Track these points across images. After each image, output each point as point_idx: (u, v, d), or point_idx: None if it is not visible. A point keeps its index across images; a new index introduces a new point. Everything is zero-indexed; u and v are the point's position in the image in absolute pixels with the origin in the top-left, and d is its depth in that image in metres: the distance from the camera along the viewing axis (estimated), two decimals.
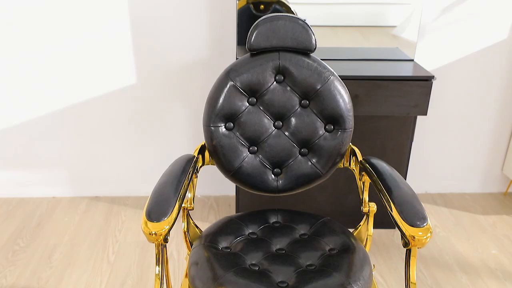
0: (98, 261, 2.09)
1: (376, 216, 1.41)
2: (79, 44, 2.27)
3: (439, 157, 2.59)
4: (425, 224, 1.00)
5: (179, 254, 2.13)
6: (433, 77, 1.95)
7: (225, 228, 1.35)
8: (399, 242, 2.25)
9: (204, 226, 1.44)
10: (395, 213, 1.04)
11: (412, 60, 2.20)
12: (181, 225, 1.39)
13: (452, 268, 2.08)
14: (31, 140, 2.47)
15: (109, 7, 2.22)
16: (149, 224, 1.00)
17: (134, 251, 2.16)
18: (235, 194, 2.34)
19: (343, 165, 1.45)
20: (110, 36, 2.27)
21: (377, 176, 1.20)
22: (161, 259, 1.03)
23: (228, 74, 1.36)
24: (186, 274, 1.24)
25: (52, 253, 2.13)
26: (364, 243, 1.38)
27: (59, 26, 2.24)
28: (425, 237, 0.99)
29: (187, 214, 1.38)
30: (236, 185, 2.30)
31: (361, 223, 1.43)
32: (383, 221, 2.30)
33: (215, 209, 2.53)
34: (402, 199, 1.07)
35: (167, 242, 1.04)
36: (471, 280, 2.01)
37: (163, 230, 0.99)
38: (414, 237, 0.99)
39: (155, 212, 1.02)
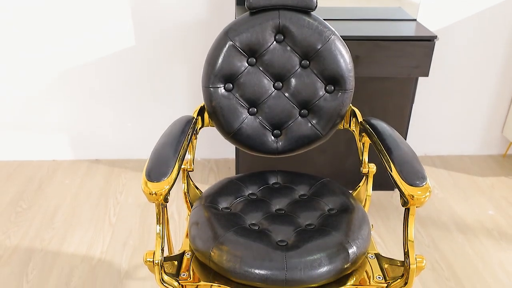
0: (100, 222, 2.11)
1: (375, 178, 1.41)
2: (78, 6, 2.22)
3: (439, 119, 2.58)
4: (424, 183, 1.00)
5: (180, 215, 2.16)
6: (435, 37, 1.92)
7: (225, 189, 1.36)
8: (398, 203, 2.27)
9: (204, 188, 1.44)
10: (394, 173, 1.04)
11: (415, 20, 2.16)
12: (181, 186, 1.39)
13: (449, 228, 2.11)
14: (31, 103, 2.45)
15: None
16: (149, 184, 1.00)
17: (135, 212, 2.18)
18: (235, 156, 2.34)
19: (343, 126, 1.45)
20: None
21: (377, 137, 1.19)
22: (162, 218, 1.04)
23: (227, 34, 1.33)
24: (187, 234, 1.25)
25: (54, 215, 2.16)
26: (363, 203, 1.39)
27: None
28: (423, 196, 0.99)
29: (187, 175, 1.38)
30: (236, 148, 2.30)
31: (360, 184, 1.44)
32: (382, 183, 2.31)
33: (215, 172, 2.54)
34: (402, 159, 1.07)
35: (167, 202, 1.05)
36: (468, 239, 2.04)
37: (163, 190, 1.00)
38: (413, 196, 0.99)
39: (155, 172, 1.02)
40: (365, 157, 1.37)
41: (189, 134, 1.23)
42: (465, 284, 1.80)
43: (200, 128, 1.40)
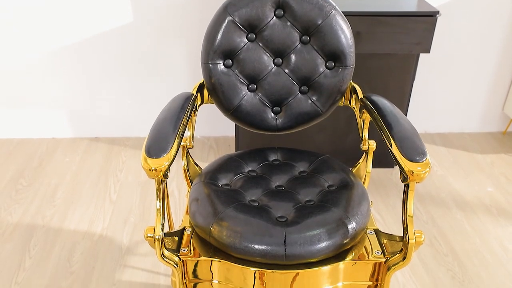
0: (101, 200, 2.12)
1: (375, 155, 1.42)
2: None
3: (440, 96, 2.57)
4: (424, 159, 1.00)
5: (180, 193, 2.17)
6: (438, 12, 1.89)
7: (224, 165, 1.36)
8: (397, 181, 2.28)
9: (204, 166, 1.45)
10: (394, 149, 1.04)
11: None
12: (181, 164, 1.39)
13: (448, 205, 2.12)
14: (30, 81, 2.43)
15: None
16: (149, 160, 1.00)
17: (135, 190, 2.19)
18: (234, 134, 2.34)
19: (343, 103, 1.44)
20: None
21: (378, 113, 1.19)
22: (162, 194, 1.04)
23: (226, 9, 1.31)
24: (187, 210, 1.26)
25: (54, 192, 2.17)
26: (363, 180, 1.39)
27: None
28: (423, 172, 0.99)
29: (186, 152, 1.38)
30: (235, 125, 2.29)
31: (360, 160, 1.44)
32: (382, 160, 2.32)
33: (214, 150, 2.54)
34: (402, 134, 1.07)
35: (167, 178, 1.05)
36: (466, 216, 2.05)
37: (163, 166, 1.00)
38: (412, 172, 0.99)
39: (155, 148, 1.02)
40: (365, 134, 1.36)
41: (188, 111, 1.22)
42: (462, 260, 1.82)
43: (199, 105, 1.40)
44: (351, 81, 1.40)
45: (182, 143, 1.35)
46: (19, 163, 2.38)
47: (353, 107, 1.41)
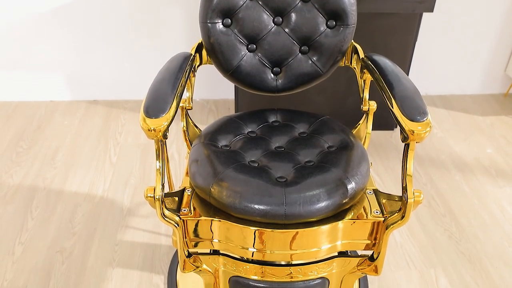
0: (101, 162, 2.13)
1: (375, 117, 1.40)
2: None
3: (441, 57, 2.53)
4: (425, 118, 0.99)
5: (180, 155, 2.17)
6: None
7: (224, 127, 1.35)
8: (397, 143, 2.28)
9: (204, 128, 1.44)
10: (395, 109, 1.03)
11: None
12: (180, 126, 1.39)
13: (447, 167, 2.13)
14: (26, 43, 2.39)
15: None
16: (148, 120, 0.99)
17: (135, 152, 2.19)
18: (234, 97, 2.32)
19: (344, 63, 1.42)
20: None
21: (379, 73, 1.17)
22: (161, 155, 1.04)
23: None
24: (187, 172, 1.26)
25: (54, 155, 2.17)
26: (363, 141, 1.39)
27: None
28: (424, 131, 0.99)
29: (186, 114, 1.37)
30: (235, 87, 2.27)
31: (360, 122, 1.43)
32: (382, 122, 2.31)
33: (214, 113, 2.53)
34: (403, 94, 1.06)
35: (166, 139, 1.05)
36: (465, 177, 2.07)
37: (162, 126, 0.99)
38: (413, 132, 0.99)
39: (153, 108, 1.01)
40: (366, 95, 1.35)
41: (187, 71, 1.20)
42: (460, 220, 1.84)
43: (198, 66, 1.37)
44: (352, 41, 1.37)
45: (181, 104, 1.34)
46: (18, 126, 2.37)
47: (354, 68, 1.39)
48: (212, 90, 2.60)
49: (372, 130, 1.40)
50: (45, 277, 1.57)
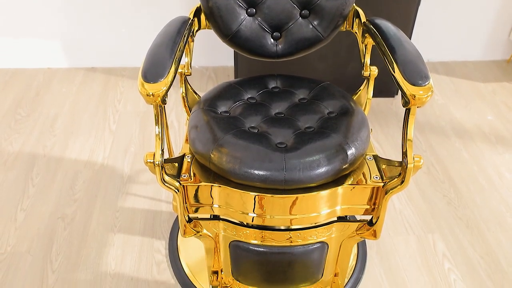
0: (100, 130, 2.12)
1: (375, 84, 1.39)
2: None
3: (444, 23, 2.49)
4: (427, 83, 0.98)
5: (179, 123, 2.16)
6: None
7: (223, 93, 1.33)
8: (397, 110, 2.27)
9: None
10: (397, 73, 1.02)
11: None
12: (180, 94, 1.37)
13: (447, 134, 2.13)
14: (23, 9, 2.35)
15: None
16: (146, 85, 0.98)
17: (134, 120, 2.19)
18: (233, 64, 2.29)
19: (345, 28, 1.39)
20: None
21: (381, 37, 1.14)
22: (160, 120, 1.04)
23: None
24: (186, 139, 1.25)
25: (53, 122, 2.16)
26: (363, 107, 1.38)
27: None
28: (425, 96, 0.97)
29: (184, 80, 1.36)
30: (234, 54, 2.24)
31: (361, 87, 1.42)
32: (383, 89, 2.29)
33: (213, 80, 2.51)
34: (405, 58, 1.04)
35: (165, 104, 1.03)
36: (464, 144, 2.07)
37: (161, 91, 0.98)
38: (414, 96, 0.98)
39: (151, 73, 1.00)
40: (367, 60, 1.33)
41: (185, 36, 1.18)
42: (459, 186, 1.85)
43: (197, 31, 1.35)
44: (354, 4, 1.34)
45: (179, 70, 1.32)
46: (16, 93, 2.35)
47: (355, 32, 1.36)
48: (211, 57, 2.56)
49: (372, 97, 1.39)
50: (47, 243, 1.59)
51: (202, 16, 1.35)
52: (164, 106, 1.13)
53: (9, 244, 1.59)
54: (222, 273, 1.33)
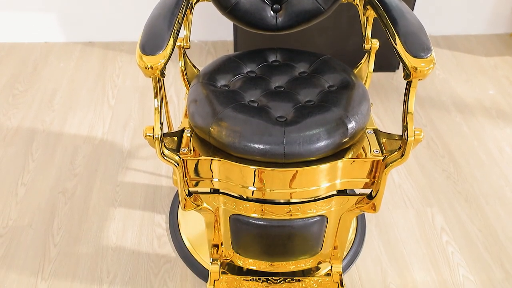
0: (99, 105, 2.11)
1: (376, 59, 1.37)
2: None
3: None
4: (428, 55, 0.97)
5: (179, 98, 2.15)
6: None
7: (223, 66, 1.32)
8: (398, 84, 2.25)
9: None
10: (398, 45, 1.00)
11: None
12: (179, 70, 1.36)
13: (448, 108, 2.12)
14: None
15: None
16: (144, 57, 0.97)
17: (133, 95, 2.17)
18: (233, 38, 2.26)
19: (346, 0, 1.37)
20: None
21: (383, 8, 1.12)
22: (159, 93, 1.03)
23: None
24: (186, 113, 1.25)
25: (52, 97, 2.15)
26: (364, 80, 1.37)
27: None
28: (427, 68, 0.96)
29: (183, 53, 1.34)
30: (233, 28, 2.21)
31: (362, 61, 1.40)
32: (384, 64, 2.27)
33: (212, 55, 2.49)
34: (407, 29, 1.02)
35: (164, 77, 1.02)
36: (465, 118, 2.06)
37: (159, 64, 0.97)
38: (416, 69, 0.96)
39: (149, 45, 0.98)
40: (368, 32, 1.31)
41: (183, 7, 1.16)
42: (458, 160, 1.85)
43: (195, 3, 1.33)
44: None
45: (178, 43, 1.30)
46: (13, 68, 2.33)
47: (357, 4, 1.34)
48: (210, 31, 2.53)
49: (373, 71, 1.38)
50: (49, 217, 1.60)
51: None
52: (163, 80, 1.12)
53: (10, 218, 1.60)
54: (222, 246, 1.34)
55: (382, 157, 1.12)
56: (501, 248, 1.54)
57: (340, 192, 1.24)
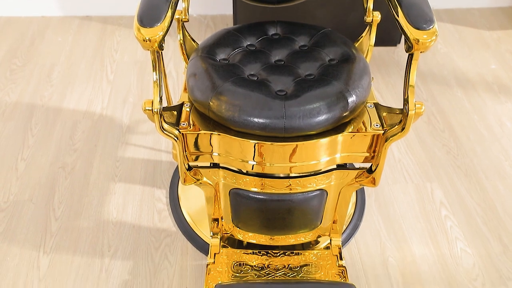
0: (98, 80, 2.10)
1: (378, 33, 1.35)
2: None
3: None
4: (431, 26, 0.95)
5: (178, 73, 2.13)
6: None
7: (222, 40, 1.30)
8: (399, 59, 2.23)
9: None
10: (401, 17, 0.99)
11: None
12: (177, 44, 1.34)
13: (449, 83, 2.10)
14: None
15: None
16: (142, 30, 0.95)
17: (132, 70, 2.15)
18: (232, 12, 2.23)
19: None
20: None
21: None
22: (158, 66, 1.02)
23: None
24: (185, 88, 1.24)
25: (50, 72, 2.13)
26: (365, 54, 1.35)
27: None
28: (429, 40, 0.95)
29: (182, 26, 1.32)
30: (233, 2, 2.17)
31: (363, 34, 1.38)
32: (385, 38, 2.24)
33: (212, 29, 2.45)
34: (410, 1, 1.01)
35: (162, 49, 1.01)
36: (466, 93, 2.05)
37: (157, 36, 0.95)
38: (418, 41, 0.95)
39: (147, 17, 0.97)
40: (370, 5, 1.29)
41: None
42: (459, 135, 1.85)
43: None
44: None
45: (176, 16, 1.28)
46: (10, 42, 2.30)
47: None
48: (210, 4, 2.49)
49: (374, 46, 1.36)
50: (49, 192, 1.61)
51: None
52: (161, 53, 1.10)
53: (11, 193, 1.61)
54: (223, 220, 1.35)
55: (383, 131, 1.11)
56: (500, 222, 1.55)
57: (340, 166, 1.24)
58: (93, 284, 1.36)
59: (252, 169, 1.13)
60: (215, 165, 1.21)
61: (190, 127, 1.12)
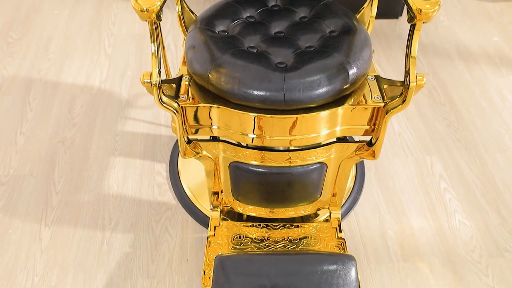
0: (96, 53, 2.07)
1: (379, 5, 1.33)
2: None
3: None
4: None
5: (177, 47, 2.11)
6: None
7: (221, 11, 1.28)
8: (401, 32, 2.20)
9: None
10: None
11: None
12: (176, 16, 1.32)
13: (451, 56, 2.08)
14: None
15: None
16: (140, 0, 0.94)
17: (130, 43, 2.13)
18: None
19: None
20: None
21: None
22: (156, 37, 1.00)
23: None
24: (183, 61, 1.22)
25: (47, 46, 2.10)
26: (367, 26, 1.33)
27: None
28: (432, 10, 0.93)
29: None
30: None
31: (365, 5, 1.36)
32: (386, 10, 2.21)
33: (211, 0, 2.41)
34: None
35: (160, 20, 1.00)
36: (468, 66, 2.03)
37: (155, 6, 0.94)
38: (420, 11, 0.93)
39: None
40: None
41: None
42: (459, 109, 1.84)
43: None
44: None
45: None
46: (5, 15, 2.27)
47: None
48: None
49: (376, 18, 1.34)
50: (49, 166, 1.61)
51: None
52: (159, 24, 1.09)
53: (11, 166, 1.61)
54: (223, 193, 1.35)
55: (383, 104, 1.11)
56: (498, 195, 1.55)
57: (340, 139, 1.24)
58: (95, 256, 1.38)
59: (252, 142, 1.12)
60: (215, 138, 1.21)
61: (189, 100, 1.11)
